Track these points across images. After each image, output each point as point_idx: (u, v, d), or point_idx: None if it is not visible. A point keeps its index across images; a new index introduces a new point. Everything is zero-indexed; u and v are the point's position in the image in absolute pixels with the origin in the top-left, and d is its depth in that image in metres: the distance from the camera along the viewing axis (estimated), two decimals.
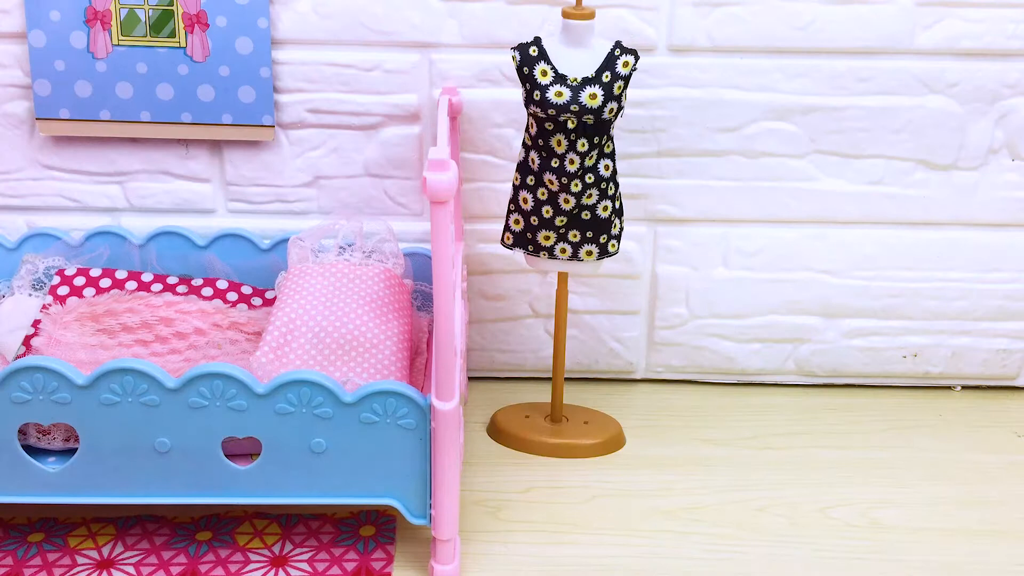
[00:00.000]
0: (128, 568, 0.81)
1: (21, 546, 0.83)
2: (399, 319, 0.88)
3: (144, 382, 0.75)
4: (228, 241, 1.00)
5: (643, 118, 1.00)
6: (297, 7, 0.97)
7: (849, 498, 0.92)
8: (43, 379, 0.75)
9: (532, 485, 0.93)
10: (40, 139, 1.01)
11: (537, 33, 0.97)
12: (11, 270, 0.99)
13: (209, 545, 0.83)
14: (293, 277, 0.90)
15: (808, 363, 1.09)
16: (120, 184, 1.02)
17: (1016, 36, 0.98)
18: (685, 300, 1.06)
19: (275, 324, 0.84)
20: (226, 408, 0.76)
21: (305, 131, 1.01)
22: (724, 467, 0.96)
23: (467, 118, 1.00)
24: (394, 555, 0.83)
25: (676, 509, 0.90)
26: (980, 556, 0.85)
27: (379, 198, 1.03)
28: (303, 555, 0.82)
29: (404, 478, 0.78)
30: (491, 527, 0.87)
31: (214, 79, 0.97)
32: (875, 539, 0.87)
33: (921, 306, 1.06)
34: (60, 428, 0.79)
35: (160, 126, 0.99)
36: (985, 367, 1.08)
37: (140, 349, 0.90)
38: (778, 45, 0.98)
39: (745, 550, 0.85)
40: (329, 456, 0.78)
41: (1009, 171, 1.02)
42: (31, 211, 1.03)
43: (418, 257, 0.99)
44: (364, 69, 0.99)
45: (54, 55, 0.96)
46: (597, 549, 0.85)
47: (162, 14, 0.96)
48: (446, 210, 0.71)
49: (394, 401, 0.76)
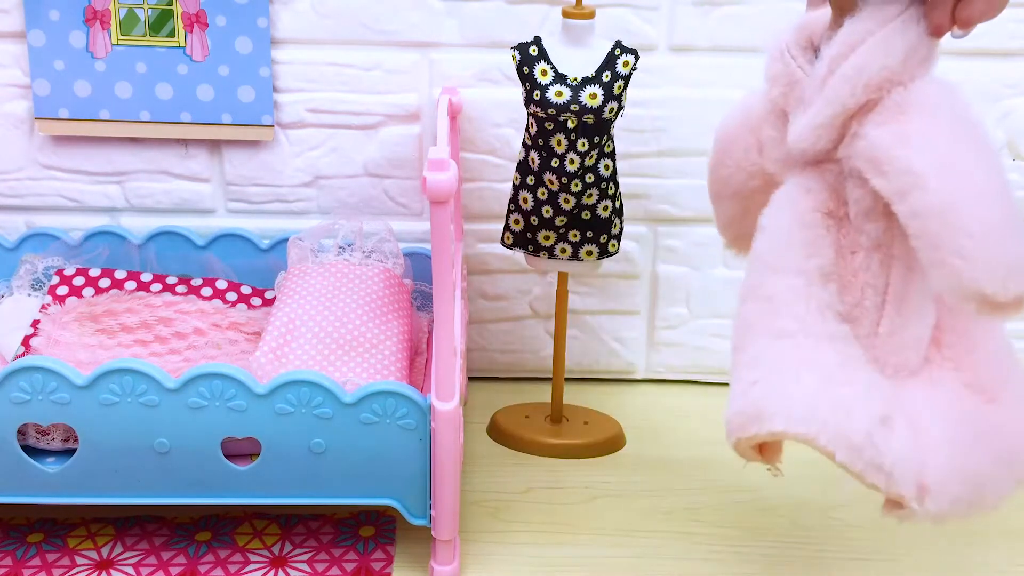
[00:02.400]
0: (127, 568, 0.81)
1: (20, 546, 0.83)
2: (399, 319, 0.88)
3: (144, 382, 0.75)
4: (227, 241, 1.00)
5: (643, 118, 1.00)
6: (297, 7, 0.97)
7: (850, 498, 0.91)
8: (42, 379, 0.75)
9: (532, 485, 0.92)
10: (39, 139, 1.01)
11: (537, 33, 0.97)
12: (10, 270, 0.99)
13: (209, 545, 0.83)
14: (293, 277, 0.90)
15: None
16: (119, 184, 1.02)
17: (1016, 36, 0.98)
18: (685, 300, 1.06)
19: (275, 324, 0.84)
20: (226, 408, 0.76)
21: (305, 131, 1.00)
22: (724, 467, 0.96)
23: (467, 118, 1.00)
24: (394, 555, 0.83)
25: (676, 509, 0.90)
26: (980, 556, 0.85)
27: (379, 198, 1.03)
28: (303, 555, 0.82)
29: (404, 478, 0.78)
30: (491, 527, 0.87)
31: (214, 79, 0.97)
32: (875, 539, 0.86)
33: None
34: (59, 428, 0.79)
35: (159, 126, 0.99)
36: None
37: (139, 349, 0.90)
38: None
39: (745, 550, 0.85)
40: (329, 456, 0.77)
41: (1010, 171, 1.02)
42: (30, 211, 1.03)
43: (418, 257, 0.99)
44: (364, 69, 0.99)
45: (53, 55, 0.96)
46: (597, 549, 0.85)
47: (161, 13, 0.96)
48: (446, 210, 0.71)
49: (394, 401, 0.76)
